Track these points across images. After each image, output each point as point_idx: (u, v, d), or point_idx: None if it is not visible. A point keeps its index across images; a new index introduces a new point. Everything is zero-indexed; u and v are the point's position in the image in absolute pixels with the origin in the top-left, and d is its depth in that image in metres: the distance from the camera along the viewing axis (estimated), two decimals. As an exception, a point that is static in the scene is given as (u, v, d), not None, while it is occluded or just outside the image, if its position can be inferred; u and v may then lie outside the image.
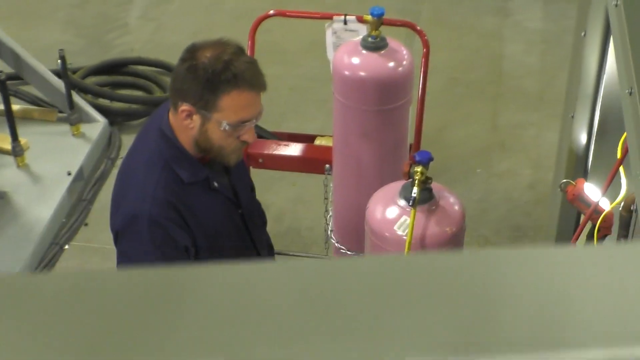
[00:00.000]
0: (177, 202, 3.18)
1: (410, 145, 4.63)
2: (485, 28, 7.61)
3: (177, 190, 3.19)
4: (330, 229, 4.67)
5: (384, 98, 4.19)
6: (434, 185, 3.51)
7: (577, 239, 2.98)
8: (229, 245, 3.40)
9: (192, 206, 3.22)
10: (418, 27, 4.81)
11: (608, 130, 3.38)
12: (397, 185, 3.59)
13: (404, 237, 3.44)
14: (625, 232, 2.85)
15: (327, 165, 4.67)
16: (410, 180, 3.47)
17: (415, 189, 3.38)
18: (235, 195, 3.43)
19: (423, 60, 4.75)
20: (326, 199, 4.77)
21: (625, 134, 3.16)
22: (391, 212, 3.52)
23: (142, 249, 3.15)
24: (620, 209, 2.84)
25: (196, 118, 3.13)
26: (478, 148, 6.37)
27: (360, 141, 4.30)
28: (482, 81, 7.01)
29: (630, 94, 2.23)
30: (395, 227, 3.46)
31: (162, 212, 3.14)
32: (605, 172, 3.73)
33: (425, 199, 3.47)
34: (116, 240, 3.24)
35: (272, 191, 5.95)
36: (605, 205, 3.35)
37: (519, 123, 6.59)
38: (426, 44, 4.75)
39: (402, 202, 3.50)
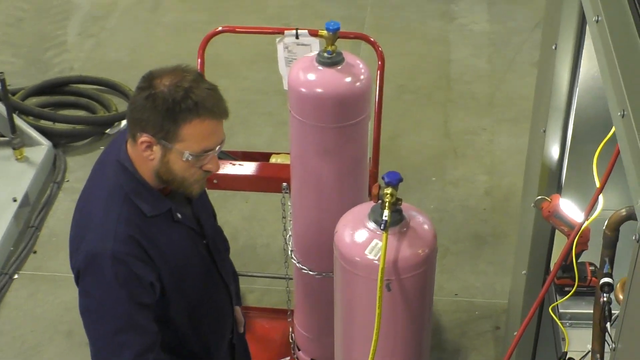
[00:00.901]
0: (139, 237, 3.03)
1: (369, 160, 4.52)
2: (431, 33, 7.54)
3: (139, 224, 3.05)
4: (290, 248, 4.54)
5: (343, 114, 4.06)
6: (402, 204, 3.40)
7: (563, 258, 2.89)
8: (195, 277, 3.26)
9: (155, 240, 3.08)
10: (372, 39, 4.69)
11: (581, 145, 3.30)
12: (366, 207, 3.48)
13: (376, 262, 3.32)
14: (610, 253, 2.76)
15: (285, 184, 4.53)
16: (380, 202, 3.35)
17: (386, 212, 3.27)
18: (199, 225, 3.29)
19: (378, 72, 4.64)
20: (284, 217, 4.64)
21: (600, 147, 3.09)
22: (361, 235, 3.40)
23: (106, 287, 3.00)
24: (604, 227, 2.75)
25: (157, 149, 2.99)
26: (431, 156, 6.29)
27: (320, 159, 4.17)
28: (430, 87, 6.93)
29: (623, 116, 2.14)
30: (367, 252, 3.34)
31: (124, 248, 3.00)
32: (579, 186, 3.65)
33: (396, 221, 3.36)
34: (77, 279, 3.08)
35: (225, 209, 5.82)
36: (581, 220, 3.27)
37: (470, 129, 6.52)
38: (381, 56, 4.64)
39: (372, 225, 3.39)
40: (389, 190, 3.30)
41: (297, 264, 4.45)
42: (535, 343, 3.69)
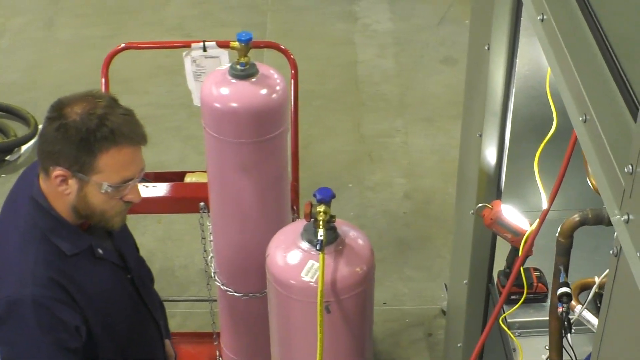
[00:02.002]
0: (60, 278, 2.81)
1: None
2: (335, 35, 7.39)
3: (59, 265, 2.82)
4: (213, 270, 4.34)
5: (260, 128, 3.88)
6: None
7: (519, 267, 2.75)
8: (122, 316, 3.05)
9: (77, 280, 2.86)
10: (282, 47, 4.52)
11: (517, 147, 3.17)
12: (297, 226, 3.30)
13: (313, 284, 3.14)
14: (564, 260, 2.63)
15: (202, 203, 4.33)
16: (313, 220, 3.17)
17: (320, 231, 3.09)
18: (122, 259, 3.08)
19: (292, 81, 4.47)
20: (204, 238, 4.44)
21: (540, 148, 2.97)
22: (295, 257, 3.22)
23: (29, 335, 2.77)
24: (557, 235, 2.62)
25: (72, 182, 2.77)
26: (346, 162, 6.14)
27: (239, 176, 3.98)
28: (340, 91, 6.78)
29: (585, 121, 2.00)
30: (303, 274, 3.16)
31: (45, 291, 2.77)
32: (519, 191, 3.53)
33: (331, 240, 3.19)
34: (-3, 328, 2.84)
35: (137, 231, 5.55)
36: (525, 225, 3.14)
37: (384, 131, 6.39)
38: (294, 64, 4.47)
39: (306, 245, 3.21)
40: (322, 208, 3.14)
41: (222, 286, 4.26)
42: (481, 356, 3.55)
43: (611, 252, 1.87)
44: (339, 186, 5.91)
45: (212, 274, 4.33)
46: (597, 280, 2.87)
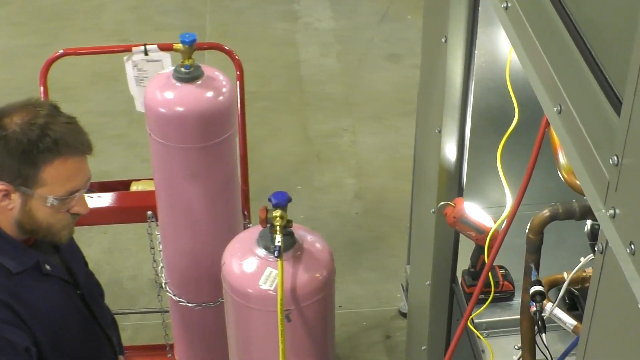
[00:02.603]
0: (7, 298, 2.66)
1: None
2: (276, 35, 7.27)
3: (5, 284, 2.67)
4: (164, 280, 4.20)
5: (208, 133, 3.76)
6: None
7: (489, 267, 2.64)
8: (74, 334, 2.90)
9: (25, 299, 2.70)
10: (227, 47, 4.38)
11: (476, 141, 3.07)
12: (253, 233, 3.18)
13: (272, 292, 3.02)
14: (535, 258, 2.53)
15: (150, 212, 4.18)
16: (269, 226, 3.05)
17: (278, 237, 2.97)
18: (70, 274, 2.93)
19: (238, 83, 4.33)
20: (152, 248, 4.30)
21: (502, 141, 2.87)
22: (251, 264, 3.10)
23: (-24, 361, 2.62)
24: (527, 231, 2.52)
25: (15, 197, 2.62)
26: (294, 163, 6.02)
27: (187, 183, 3.86)
28: (284, 92, 6.65)
29: (560, 111, 1.89)
30: (261, 282, 3.04)
31: (-9, 313, 2.62)
32: (479, 187, 3.43)
33: (289, 245, 3.08)
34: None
35: (83, 243, 5.31)
36: (489, 222, 3.05)
37: (331, 131, 6.27)
38: (239, 65, 4.34)
39: (262, 252, 3.09)
40: (278, 213, 3.02)
41: (173, 297, 4.14)
42: (447, 357, 3.45)
43: (596, 249, 1.76)
44: (288, 189, 5.69)
45: (163, 284, 4.21)
46: (566, 276, 2.78)
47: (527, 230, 2.52)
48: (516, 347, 3.04)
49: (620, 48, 1.77)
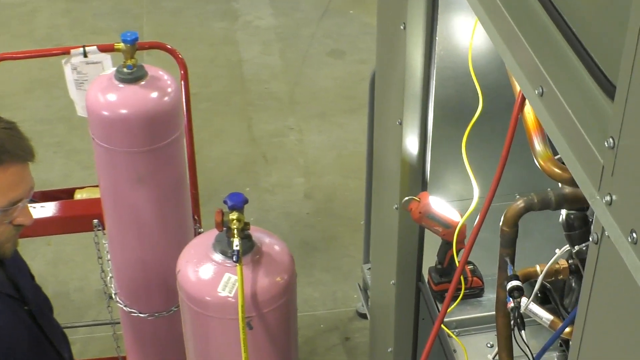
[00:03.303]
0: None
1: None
2: (216, 34, 7.10)
3: (-52, 305, 2.50)
4: (114, 291, 4.03)
5: (154, 135, 3.61)
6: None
7: (463, 265, 2.51)
8: (21, 351, 2.74)
9: (-31, 319, 2.54)
10: (169, 46, 4.23)
11: (438, 134, 2.94)
12: (208, 238, 3.02)
13: (231, 299, 2.87)
14: (510, 251, 2.40)
15: (96, 221, 4.02)
16: (225, 230, 2.90)
17: (235, 241, 2.82)
18: (17, 290, 2.76)
19: (183, 82, 4.18)
20: (100, 258, 4.14)
21: (467, 131, 2.74)
22: (208, 271, 2.95)
23: None
24: (501, 224, 2.39)
25: (-45, 209, 2.45)
26: (240, 164, 5.87)
27: (134, 188, 3.70)
28: (226, 92, 6.49)
29: (542, 94, 1.77)
30: (219, 289, 2.89)
31: None
32: (443, 182, 3.31)
33: (248, 249, 2.93)
34: None
35: (26, 255, 5.11)
36: (456, 217, 2.92)
37: (276, 130, 6.13)
38: (182, 64, 4.19)
39: (219, 257, 2.94)
40: (235, 216, 2.88)
41: (124, 307, 3.98)
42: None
43: (590, 239, 1.64)
44: (235, 190, 5.61)
45: (113, 295, 4.06)
46: (539, 269, 2.66)
47: (500, 223, 2.40)
48: (488, 345, 2.93)
49: (605, 22, 1.66)
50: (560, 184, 2.40)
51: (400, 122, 2.85)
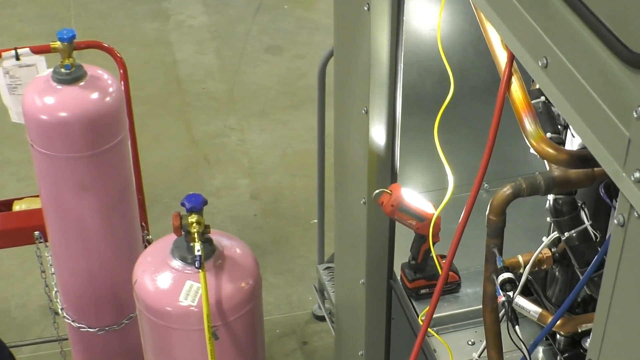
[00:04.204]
0: None
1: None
2: (148, 35, 6.87)
3: None
4: (60, 305, 3.82)
5: (96, 139, 3.42)
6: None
7: (451, 260, 2.34)
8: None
9: None
10: (106, 45, 4.01)
11: (406, 122, 2.78)
12: (165, 244, 2.83)
13: (194, 308, 2.68)
14: (498, 242, 2.24)
15: (37, 233, 3.81)
16: (184, 234, 2.71)
17: (197, 245, 2.63)
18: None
19: (122, 83, 3.97)
20: (44, 272, 3.93)
21: (438, 118, 2.58)
22: (167, 279, 2.76)
23: None
24: (487, 213, 2.23)
25: None
26: (182, 168, 5.65)
27: (78, 196, 3.52)
28: (162, 94, 6.27)
29: (547, 66, 1.61)
30: (181, 298, 2.69)
31: None
32: (412, 173, 3.15)
33: (209, 254, 2.74)
34: None
35: (-41, 274, 4.95)
36: (430, 209, 2.76)
37: (217, 131, 5.92)
38: (122, 64, 3.99)
39: (178, 264, 2.75)
40: (194, 218, 2.69)
41: (72, 323, 3.80)
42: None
43: (615, 222, 1.48)
44: (178, 196, 5.33)
45: (59, 310, 3.85)
46: (522, 260, 2.51)
47: (487, 212, 2.23)
48: (469, 343, 2.77)
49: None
50: (548, 167, 2.25)
51: (367, 110, 2.67)
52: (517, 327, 2.22)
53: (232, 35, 6.84)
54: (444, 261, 2.86)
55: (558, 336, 2.62)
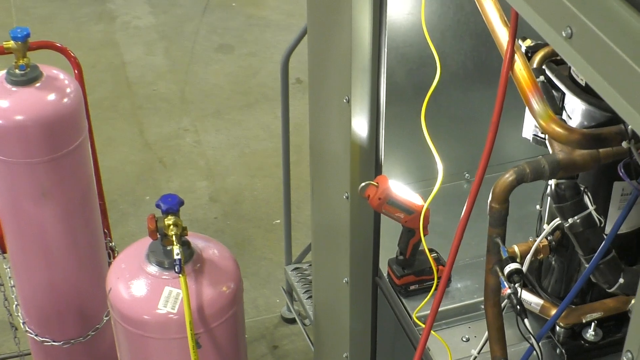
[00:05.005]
0: None
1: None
2: (94, 38, 6.67)
3: None
4: (21, 319, 3.65)
5: (55, 142, 3.28)
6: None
7: (454, 256, 2.20)
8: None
9: None
10: (59, 44, 3.84)
11: (392, 111, 2.65)
12: (139, 249, 2.67)
13: (174, 316, 2.53)
14: (501, 231, 2.12)
15: (-6, 244, 3.64)
16: (161, 237, 2.56)
17: (176, 249, 2.48)
18: None
19: (77, 83, 3.79)
20: (2, 284, 3.76)
21: (424, 105, 2.45)
22: (144, 286, 2.60)
23: None
24: (489, 201, 2.10)
25: None
26: (137, 173, 5.47)
27: (38, 204, 3.37)
28: (111, 97, 6.08)
29: (571, 36, 1.49)
30: (160, 305, 2.53)
31: None
32: (397, 164, 3.01)
33: (187, 257, 2.58)
34: None
35: None
36: (418, 200, 2.63)
37: (171, 133, 5.76)
38: (76, 64, 3.82)
39: (154, 269, 2.60)
40: (171, 220, 2.53)
41: (35, 337, 3.64)
42: (374, 360, 3.01)
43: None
44: (135, 201, 5.25)
45: (21, 324, 3.67)
46: (517, 249, 2.39)
47: (489, 200, 2.11)
48: (464, 339, 2.65)
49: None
50: (550, 150, 2.13)
51: (348, 99, 2.54)
52: (526, 320, 2.10)
53: (180, 35, 6.68)
54: (433, 255, 2.75)
55: (558, 328, 2.51)
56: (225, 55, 6.48)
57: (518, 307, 2.10)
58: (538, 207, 2.57)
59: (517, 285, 2.09)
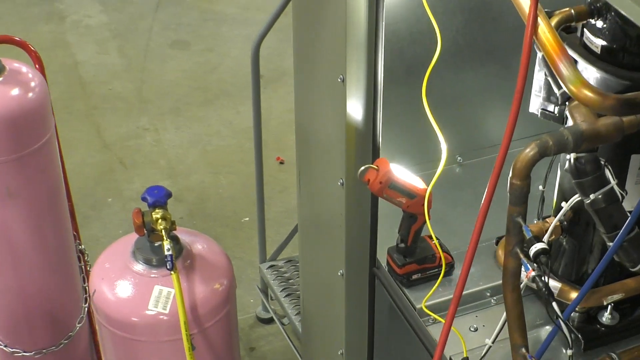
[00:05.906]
0: None
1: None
2: (43, 39, 6.47)
3: None
4: (-11, 330, 3.47)
5: (21, 139, 3.11)
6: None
7: (476, 242, 2.06)
8: None
9: None
10: (18, 38, 3.65)
11: (390, 90, 2.51)
12: (124, 245, 2.51)
13: (164, 317, 2.36)
14: (522, 210, 1.98)
15: (-41, 250, 3.44)
16: (147, 233, 2.39)
17: (166, 244, 2.31)
18: None
19: (42, 77, 3.61)
20: (-34, 292, 3.56)
21: (424, 82, 2.32)
22: (131, 286, 2.42)
23: None
24: (510, 177, 1.96)
25: None
26: (96, 175, 5.30)
27: (4, 205, 3.19)
28: (65, 98, 5.89)
29: None
30: (150, 306, 2.37)
31: None
32: (396, 147, 2.86)
33: (177, 253, 2.42)
34: None
35: None
36: (420, 184, 2.49)
37: (130, 133, 5.58)
38: (37, 59, 3.61)
39: (141, 267, 2.43)
40: (159, 214, 2.37)
41: (4, 348, 3.47)
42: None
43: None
44: (96, 204, 5.07)
45: (-11, 335, 3.46)
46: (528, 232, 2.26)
47: (510, 176, 1.97)
48: (472, 329, 2.52)
49: None
50: (571, 121, 2.00)
51: (343, 78, 2.39)
52: (554, 303, 1.97)
53: (133, 32, 6.50)
54: (432, 242, 2.61)
55: (572, 313, 2.38)
56: (181, 51, 6.31)
57: (545, 290, 1.97)
58: (541, 187, 2.44)
59: (540, 267, 1.96)
